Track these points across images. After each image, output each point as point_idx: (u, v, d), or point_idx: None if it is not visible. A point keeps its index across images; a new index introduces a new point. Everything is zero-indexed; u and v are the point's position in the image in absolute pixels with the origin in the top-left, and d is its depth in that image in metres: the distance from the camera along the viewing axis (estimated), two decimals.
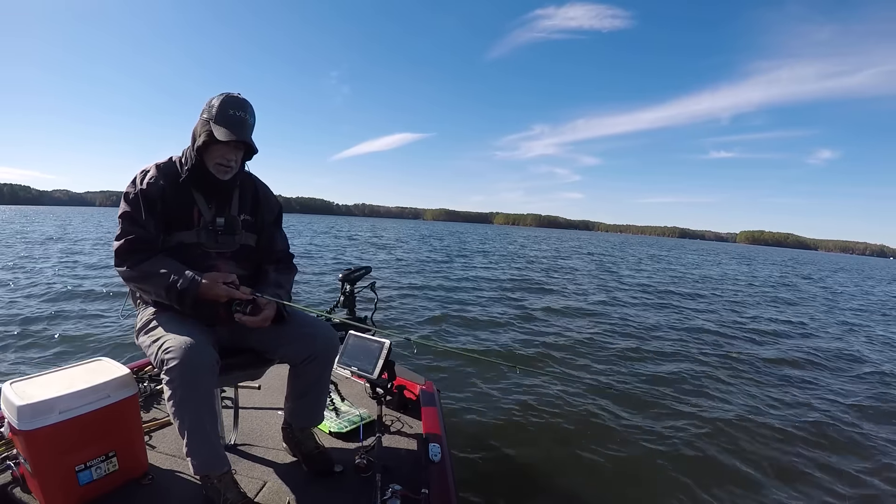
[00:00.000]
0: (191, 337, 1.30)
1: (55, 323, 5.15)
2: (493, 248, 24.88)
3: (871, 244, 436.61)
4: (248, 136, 1.42)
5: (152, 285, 1.36)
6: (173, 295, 1.35)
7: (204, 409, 1.31)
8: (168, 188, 1.41)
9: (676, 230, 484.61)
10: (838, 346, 6.44)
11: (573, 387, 3.96)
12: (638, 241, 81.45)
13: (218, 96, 1.40)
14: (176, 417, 1.29)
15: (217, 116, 1.37)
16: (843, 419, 3.66)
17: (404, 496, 1.38)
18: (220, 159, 1.42)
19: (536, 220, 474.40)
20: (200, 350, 1.29)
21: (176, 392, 1.27)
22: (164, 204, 1.40)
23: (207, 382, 1.31)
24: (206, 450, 1.32)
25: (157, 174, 1.42)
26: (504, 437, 2.95)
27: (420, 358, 4.38)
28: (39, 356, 4.04)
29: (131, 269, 1.35)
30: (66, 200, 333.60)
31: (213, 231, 1.48)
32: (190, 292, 1.35)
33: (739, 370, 4.84)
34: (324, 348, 1.55)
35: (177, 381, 1.26)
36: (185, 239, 1.44)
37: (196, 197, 1.46)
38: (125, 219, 1.38)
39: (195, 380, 1.27)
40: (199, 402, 1.29)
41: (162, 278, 1.34)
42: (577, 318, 7.08)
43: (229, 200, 1.53)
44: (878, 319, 9.53)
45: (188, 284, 1.35)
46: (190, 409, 1.28)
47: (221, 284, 1.39)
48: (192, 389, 1.27)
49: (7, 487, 1.36)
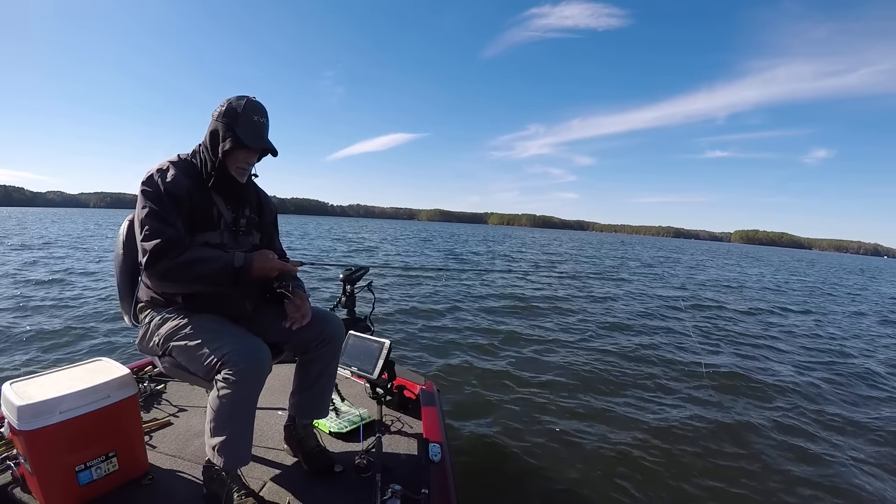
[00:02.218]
0: (249, 339, 1.36)
1: (56, 322, 5.15)
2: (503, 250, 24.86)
3: (865, 243, 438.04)
4: (269, 142, 1.47)
5: (200, 271, 1.33)
6: (228, 274, 1.34)
7: (255, 406, 1.37)
8: (193, 188, 1.41)
9: (671, 230, 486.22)
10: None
11: (574, 386, 3.97)
12: (645, 242, 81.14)
13: (237, 100, 1.41)
14: (225, 416, 1.30)
15: (241, 122, 1.39)
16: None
17: (404, 496, 1.38)
18: (242, 163, 1.46)
19: (531, 220, 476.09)
20: (263, 352, 1.35)
21: (238, 392, 1.28)
22: (190, 203, 1.40)
23: (265, 381, 1.37)
24: (244, 447, 1.36)
25: (178, 173, 1.40)
26: (504, 437, 2.96)
27: (420, 358, 4.38)
28: (39, 356, 4.04)
29: (171, 261, 1.31)
30: (60, 202, 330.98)
31: (235, 231, 1.51)
32: (245, 268, 1.37)
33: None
34: (335, 333, 1.61)
35: (243, 383, 1.27)
36: (210, 239, 1.45)
37: (216, 198, 1.48)
38: (154, 217, 1.33)
39: (261, 378, 1.33)
40: (255, 400, 1.35)
41: (212, 262, 1.34)
42: (588, 320, 7.09)
43: (244, 202, 1.56)
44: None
45: (243, 261, 1.37)
46: (247, 408, 1.33)
47: (271, 257, 1.44)
48: (256, 389, 1.33)
49: (7, 487, 1.36)
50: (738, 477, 2.73)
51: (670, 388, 4.11)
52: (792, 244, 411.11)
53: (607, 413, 3.46)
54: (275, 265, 1.44)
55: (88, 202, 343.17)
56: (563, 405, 3.55)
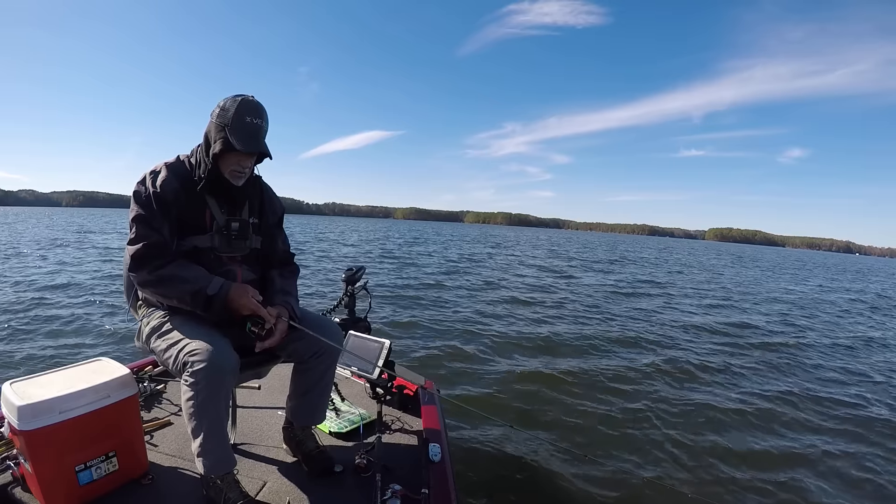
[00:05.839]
0: (214, 340, 1.31)
1: (55, 322, 5.16)
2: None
3: (838, 241, 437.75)
4: (264, 145, 1.41)
5: (174, 290, 1.34)
6: (200, 300, 1.33)
7: (223, 410, 1.34)
8: (182, 191, 1.39)
9: (646, 228, 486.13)
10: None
11: (575, 386, 3.96)
12: (628, 241, 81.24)
13: (233, 100, 1.37)
14: (193, 419, 1.29)
15: (233, 123, 1.34)
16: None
17: (404, 496, 1.38)
18: (236, 166, 1.41)
19: (507, 218, 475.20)
20: (226, 353, 1.30)
21: (199, 394, 1.27)
22: (178, 207, 1.38)
23: (230, 384, 1.34)
24: (219, 450, 1.33)
25: (169, 176, 1.39)
26: (504, 437, 2.96)
27: (420, 358, 4.38)
28: (39, 356, 4.04)
29: (150, 273, 1.32)
30: (32, 201, 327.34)
31: (227, 235, 1.47)
32: (220, 298, 1.34)
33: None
34: (330, 345, 1.56)
35: (202, 384, 1.26)
36: (199, 243, 1.42)
37: (209, 200, 1.44)
38: (139, 222, 1.34)
39: (220, 382, 1.29)
40: (219, 403, 1.31)
41: (187, 283, 1.33)
42: (592, 318, 7.09)
43: (241, 205, 1.53)
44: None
45: (218, 290, 1.34)
46: (211, 410, 1.29)
47: (250, 296, 1.38)
48: (217, 392, 1.29)
49: (7, 487, 1.36)
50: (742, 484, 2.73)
51: (671, 389, 4.11)
52: (765, 241, 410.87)
53: (609, 413, 3.46)
54: (249, 305, 1.37)
55: (61, 201, 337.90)
56: (563, 405, 3.54)
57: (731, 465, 2.85)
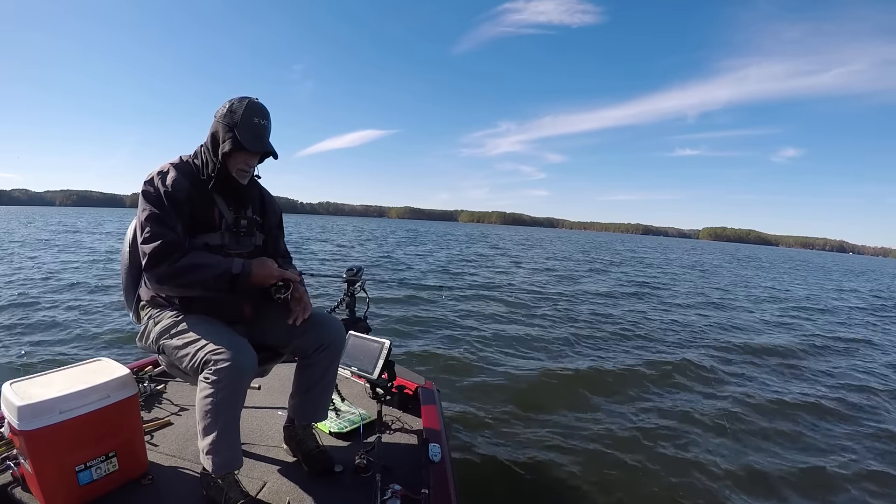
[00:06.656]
0: (235, 339, 1.35)
1: (55, 322, 5.14)
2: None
3: (831, 240, 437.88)
4: (270, 144, 1.47)
5: (198, 276, 1.35)
6: (224, 280, 1.36)
7: (239, 410, 1.36)
8: (193, 190, 1.42)
9: (640, 227, 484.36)
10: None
11: (575, 386, 3.97)
12: (625, 240, 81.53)
13: (239, 102, 1.41)
14: (209, 416, 1.30)
15: (242, 124, 1.39)
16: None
17: (404, 496, 1.38)
18: (243, 165, 1.46)
19: (501, 217, 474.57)
20: (248, 353, 1.33)
21: (219, 392, 1.28)
22: (191, 205, 1.41)
23: (248, 384, 1.36)
24: (230, 450, 1.34)
25: (179, 175, 1.42)
26: (504, 437, 2.96)
27: (420, 358, 4.38)
28: (39, 356, 4.04)
29: (169, 266, 1.33)
30: (26, 200, 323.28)
31: (237, 232, 1.52)
32: (244, 275, 1.38)
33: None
34: (335, 338, 1.60)
35: (224, 382, 1.27)
36: (210, 241, 1.46)
37: (217, 199, 1.49)
38: (153, 220, 1.35)
39: (241, 381, 1.31)
40: (237, 402, 1.33)
41: (209, 268, 1.35)
42: (598, 313, 7.09)
43: (247, 203, 1.57)
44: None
45: (241, 268, 1.38)
46: (228, 409, 1.31)
47: (273, 265, 1.44)
48: (237, 391, 1.31)
49: (7, 487, 1.36)
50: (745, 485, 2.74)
51: (673, 389, 4.12)
52: (759, 241, 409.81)
53: (608, 413, 3.47)
54: (273, 273, 1.43)
55: (54, 200, 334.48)
56: (563, 405, 3.55)
57: (736, 467, 2.85)
